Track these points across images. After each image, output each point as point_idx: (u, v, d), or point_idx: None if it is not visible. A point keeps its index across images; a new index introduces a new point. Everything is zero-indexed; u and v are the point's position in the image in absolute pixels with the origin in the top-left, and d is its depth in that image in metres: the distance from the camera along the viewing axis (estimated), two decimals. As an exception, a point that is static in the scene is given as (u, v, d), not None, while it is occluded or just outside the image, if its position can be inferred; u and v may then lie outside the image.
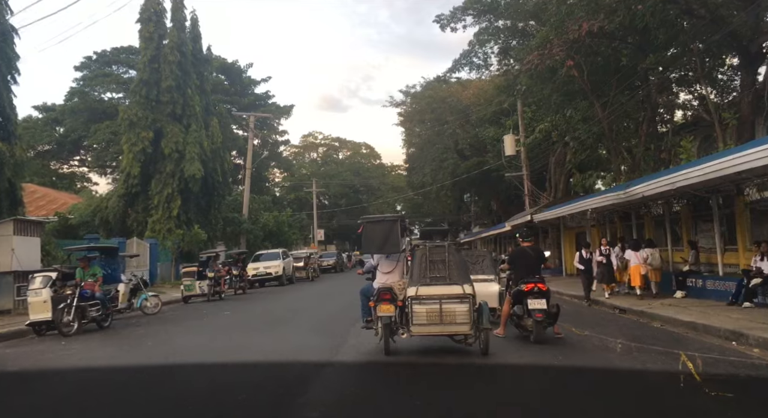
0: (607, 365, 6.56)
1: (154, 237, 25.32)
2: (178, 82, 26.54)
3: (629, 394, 5.40)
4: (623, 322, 10.61)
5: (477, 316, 7.10)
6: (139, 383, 6.61)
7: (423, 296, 7.13)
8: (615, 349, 7.38)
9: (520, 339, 8.35)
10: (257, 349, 8.70)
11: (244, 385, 6.13)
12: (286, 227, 40.90)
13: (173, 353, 8.66)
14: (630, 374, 6.14)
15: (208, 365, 7.38)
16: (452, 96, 36.70)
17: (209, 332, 11.18)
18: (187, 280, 17.78)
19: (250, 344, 9.17)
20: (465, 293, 7.08)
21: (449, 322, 7.05)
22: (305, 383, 5.90)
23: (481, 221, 51.42)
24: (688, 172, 9.29)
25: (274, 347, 8.94)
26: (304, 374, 6.46)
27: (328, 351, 7.78)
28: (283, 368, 6.91)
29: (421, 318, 7.09)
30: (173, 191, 26.11)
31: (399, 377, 6.64)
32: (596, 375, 6.31)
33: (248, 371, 6.94)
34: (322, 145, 72.96)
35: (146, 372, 7.21)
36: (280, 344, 9.20)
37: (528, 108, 30.52)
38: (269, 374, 6.73)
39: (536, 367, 6.73)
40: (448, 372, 6.81)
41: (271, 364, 7.25)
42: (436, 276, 7.30)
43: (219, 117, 29.99)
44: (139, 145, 25.52)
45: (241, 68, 40.85)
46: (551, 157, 30.41)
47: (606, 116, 19.33)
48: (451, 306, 7.05)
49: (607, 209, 16.40)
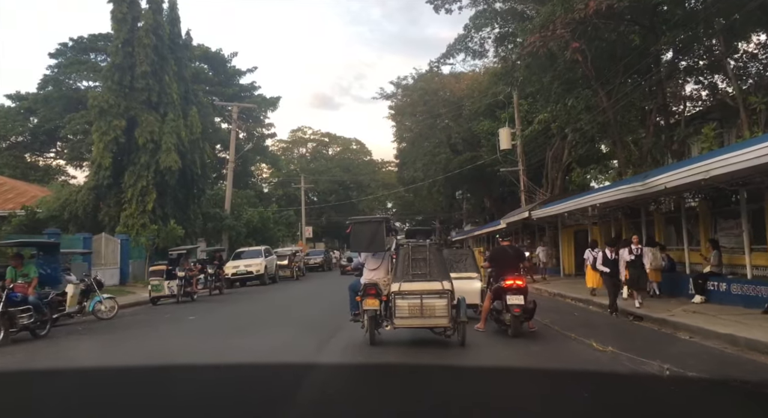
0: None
1: (126, 233, 23.66)
2: (154, 68, 24.83)
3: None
4: (645, 333, 9.18)
5: (455, 310, 7.66)
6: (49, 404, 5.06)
7: (405, 291, 7.69)
8: (660, 376, 5.84)
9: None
10: (212, 361, 7.17)
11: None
12: (272, 223, 39.27)
13: (104, 373, 7.09)
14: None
15: (145, 388, 5.84)
16: (445, 88, 35.25)
17: (163, 341, 9.63)
18: (154, 280, 16.18)
19: (203, 356, 7.63)
20: (444, 289, 7.65)
21: (429, 315, 7.63)
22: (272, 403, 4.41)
23: (473, 219, 50.26)
24: (728, 158, 7.85)
25: (240, 360, 7.41)
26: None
27: (291, 384, 6.29)
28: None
29: (403, 312, 7.66)
30: (148, 184, 24.43)
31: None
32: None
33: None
34: (311, 141, 71.23)
35: (61, 393, 5.65)
36: (245, 355, 7.69)
37: (524, 101, 29.20)
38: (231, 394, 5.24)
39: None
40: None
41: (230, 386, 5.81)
42: (417, 273, 7.84)
43: (199, 106, 28.28)
44: (111, 134, 23.80)
45: (225, 57, 39.01)
46: (548, 151, 29.07)
47: (611, 105, 17.95)
48: (431, 301, 7.61)
49: (615, 204, 15.01)
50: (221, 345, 8.54)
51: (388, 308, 7.88)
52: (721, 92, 17.73)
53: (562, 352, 7.63)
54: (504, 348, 7.89)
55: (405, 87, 36.37)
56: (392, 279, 8.04)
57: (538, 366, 6.75)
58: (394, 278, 8.01)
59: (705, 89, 19.50)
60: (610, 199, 12.75)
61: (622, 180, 14.61)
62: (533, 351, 7.59)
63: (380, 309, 7.95)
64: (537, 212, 20.62)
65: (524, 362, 7.06)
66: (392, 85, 37.25)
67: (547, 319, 10.20)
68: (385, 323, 7.99)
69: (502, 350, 7.81)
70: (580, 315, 11.55)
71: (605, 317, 11.29)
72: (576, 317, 11.26)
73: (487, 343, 8.24)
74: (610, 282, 11.14)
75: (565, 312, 12.10)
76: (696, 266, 13.05)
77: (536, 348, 7.74)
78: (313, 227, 59.25)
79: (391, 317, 7.80)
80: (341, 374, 6.52)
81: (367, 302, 7.88)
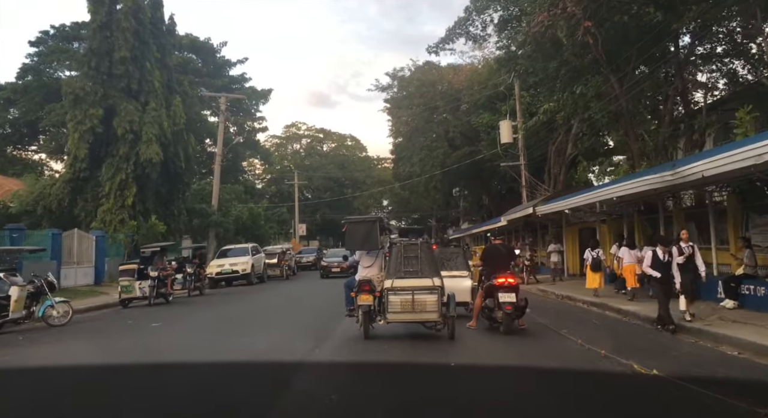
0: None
1: (103, 229, 22.20)
2: (134, 54, 23.32)
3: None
4: (686, 348, 7.77)
5: (445, 306, 7.96)
6: None
7: (398, 287, 8.02)
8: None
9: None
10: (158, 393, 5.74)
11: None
12: (263, 220, 37.81)
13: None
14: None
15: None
16: (443, 80, 33.81)
17: (106, 354, 8.14)
18: (124, 280, 14.70)
19: (147, 386, 6.17)
20: (434, 286, 7.98)
21: (420, 310, 7.96)
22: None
23: (471, 217, 49.00)
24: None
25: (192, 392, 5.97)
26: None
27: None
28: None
29: (395, 307, 7.99)
30: (127, 177, 22.95)
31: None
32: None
33: None
34: (305, 137, 69.73)
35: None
36: (202, 384, 6.25)
37: (526, 92, 27.84)
38: None
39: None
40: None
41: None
42: (409, 270, 8.17)
43: (184, 96, 26.77)
44: (87, 123, 22.30)
45: (214, 47, 37.36)
46: (551, 146, 27.71)
47: (624, 92, 16.57)
48: (422, 297, 7.94)
49: (632, 199, 13.62)
50: (173, 369, 7.04)
51: (382, 303, 8.17)
52: (742, 78, 16.38)
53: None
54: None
55: (401, 78, 34.91)
56: (385, 276, 8.38)
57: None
58: (387, 274, 8.35)
59: (723, 77, 18.15)
60: (632, 192, 11.33)
61: (640, 172, 13.20)
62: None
63: (374, 304, 8.23)
64: (542, 208, 19.24)
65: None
66: (388, 76, 35.79)
67: (564, 328, 8.84)
68: (378, 318, 8.28)
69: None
70: (602, 323, 10.15)
71: (625, 324, 9.91)
72: (597, 325, 9.87)
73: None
74: (660, 290, 8.94)
75: (581, 319, 10.73)
76: (724, 267, 11.71)
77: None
78: (307, 224, 57.87)
79: (384, 312, 8.11)
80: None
81: (361, 297, 8.18)
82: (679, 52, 15.09)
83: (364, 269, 8.92)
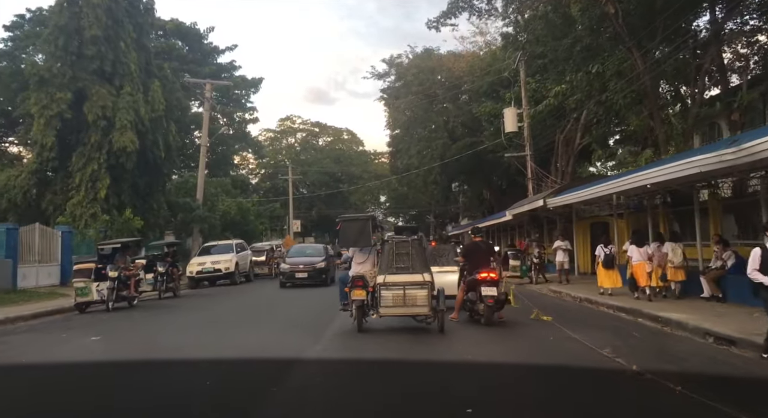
0: None
1: (72, 224, 20.28)
2: (108, 33, 21.32)
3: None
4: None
5: (435, 300, 8.42)
6: None
7: (389, 282, 8.46)
8: None
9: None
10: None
11: None
12: (252, 215, 35.90)
13: None
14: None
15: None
16: (442, 66, 31.89)
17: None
18: (79, 281, 12.75)
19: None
20: (424, 281, 8.46)
21: (411, 304, 8.42)
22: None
23: (470, 212, 47.22)
24: None
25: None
26: None
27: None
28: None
29: (387, 301, 8.44)
30: (100, 168, 21.01)
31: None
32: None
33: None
34: (300, 131, 67.74)
35: None
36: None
37: (532, 78, 25.99)
38: None
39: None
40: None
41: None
42: (401, 266, 8.64)
43: (164, 81, 24.77)
44: (54, 108, 20.34)
45: (200, 33, 35.28)
46: (558, 135, 25.87)
47: (648, 69, 14.70)
48: (412, 291, 8.40)
49: (660, 187, 11.76)
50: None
51: (374, 298, 8.54)
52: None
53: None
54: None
55: (399, 65, 32.93)
56: (378, 272, 8.75)
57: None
58: (379, 270, 8.73)
59: (756, 54, 16.30)
60: (675, 176, 9.42)
61: (684, 152, 11.33)
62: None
63: (367, 299, 8.61)
64: (554, 200, 17.39)
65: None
66: (385, 63, 33.80)
67: (607, 347, 6.93)
68: (371, 312, 8.66)
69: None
70: (643, 336, 8.25)
71: (677, 340, 8.02)
72: (642, 340, 7.96)
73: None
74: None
75: (615, 329, 8.85)
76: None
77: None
78: (302, 220, 56.02)
79: (377, 307, 8.49)
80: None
81: (355, 292, 8.54)
82: (717, 19, 13.22)
83: (358, 265, 9.33)
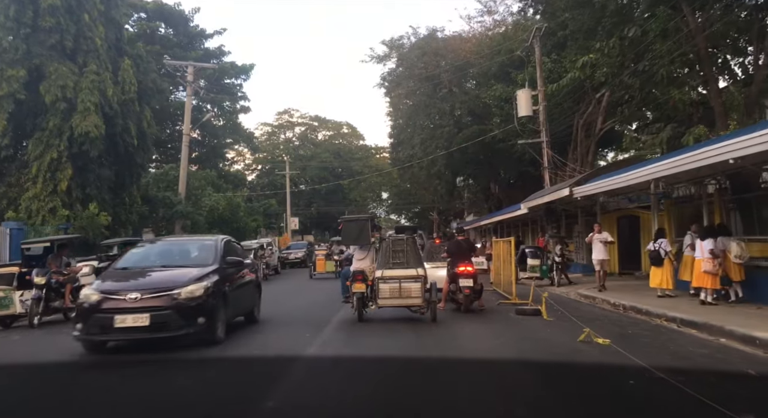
0: None
1: (26, 220, 17.78)
2: (69, 3, 18.75)
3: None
4: None
5: (428, 292, 9.51)
6: None
7: (387, 276, 9.55)
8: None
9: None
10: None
11: None
12: (243, 212, 33.35)
13: None
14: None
15: None
16: (448, 47, 29.22)
17: None
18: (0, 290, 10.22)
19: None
20: (418, 275, 9.54)
21: (406, 296, 9.49)
22: None
23: (476, 208, 44.61)
24: None
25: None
26: None
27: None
28: None
29: (385, 294, 9.52)
30: (60, 156, 18.48)
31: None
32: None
33: None
34: (298, 125, 65.23)
35: None
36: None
37: (547, 57, 23.39)
38: None
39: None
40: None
41: None
42: (397, 262, 9.79)
43: (138, 60, 22.23)
44: (5, 88, 17.79)
45: (185, 14, 32.74)
46: (577, 119, 23.27)
47: (702, 28, 12.06)
48: (407, 284, 9.47)
49: (713, 170, 9.11)
50: None
51: (373, 290, 9.64)
52: None
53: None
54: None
55: (400, 47, 30.24)
56: (376, 267, 9.92)
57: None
58: (377, 265, 9.93)
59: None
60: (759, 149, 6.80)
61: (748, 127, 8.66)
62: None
63: (366, 292, 9.70)
64: (581, 189, 14.76)
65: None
66: (385, 45, 31.10)
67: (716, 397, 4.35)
68: (370, 304, 9.75)
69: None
70: (761, 374, 5.65)
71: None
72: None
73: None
74: None
75: (716, 361, 6.24)
76: None
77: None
78: (300, 218, 53.49)
79: (375, 298, 9.61)
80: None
81: (355, 286, 9.63)
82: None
83: (358, 261, 10.48)
